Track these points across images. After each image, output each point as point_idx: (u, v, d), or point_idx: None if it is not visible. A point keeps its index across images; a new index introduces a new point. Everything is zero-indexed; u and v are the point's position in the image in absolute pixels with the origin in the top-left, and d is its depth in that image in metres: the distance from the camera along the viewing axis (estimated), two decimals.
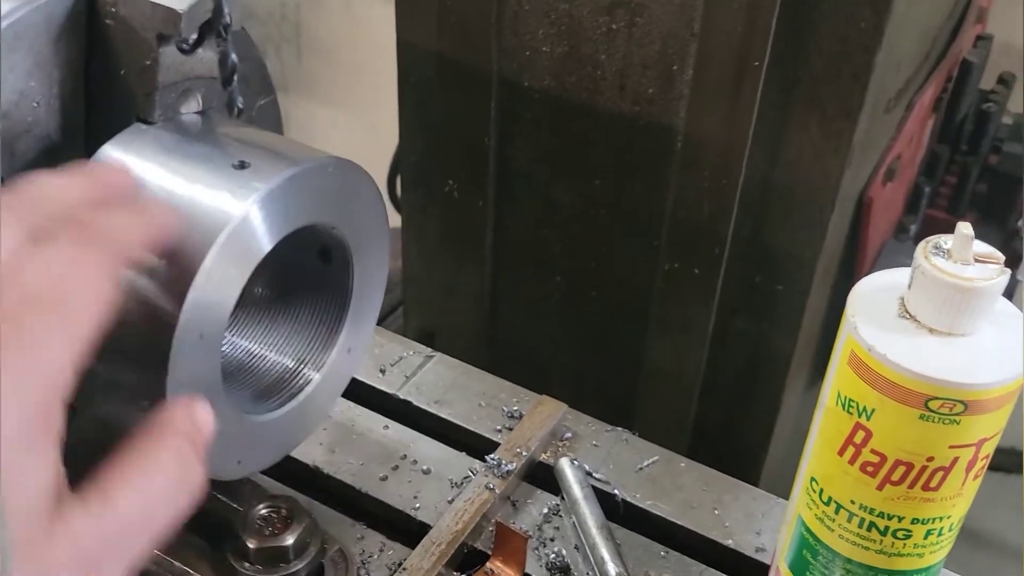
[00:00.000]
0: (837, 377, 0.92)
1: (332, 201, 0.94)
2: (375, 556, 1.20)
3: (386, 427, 1.38)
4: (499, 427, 1.37)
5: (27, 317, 0.63)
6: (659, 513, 1.27)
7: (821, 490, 0.98)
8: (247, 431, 0.96)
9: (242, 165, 0.86)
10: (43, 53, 0.87)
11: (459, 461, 1.33)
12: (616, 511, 1.28)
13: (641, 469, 1.33)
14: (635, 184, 1.54)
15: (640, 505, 1.28)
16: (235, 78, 0.86)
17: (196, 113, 0.94)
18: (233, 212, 0.82)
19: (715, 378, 1.69)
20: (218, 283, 0.83)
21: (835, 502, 0.97)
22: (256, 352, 1.03)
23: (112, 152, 0.87)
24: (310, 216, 0.92)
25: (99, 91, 0.91)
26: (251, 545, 1.02)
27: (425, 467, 1.32)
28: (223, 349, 0.93)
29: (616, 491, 1.29)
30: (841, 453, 0.94)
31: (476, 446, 1.35)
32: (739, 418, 1.73)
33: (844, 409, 0.92)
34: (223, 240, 0.81)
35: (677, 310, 1.61)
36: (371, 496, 1.28)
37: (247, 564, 1.02)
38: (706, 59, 1.37)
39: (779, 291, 1.57)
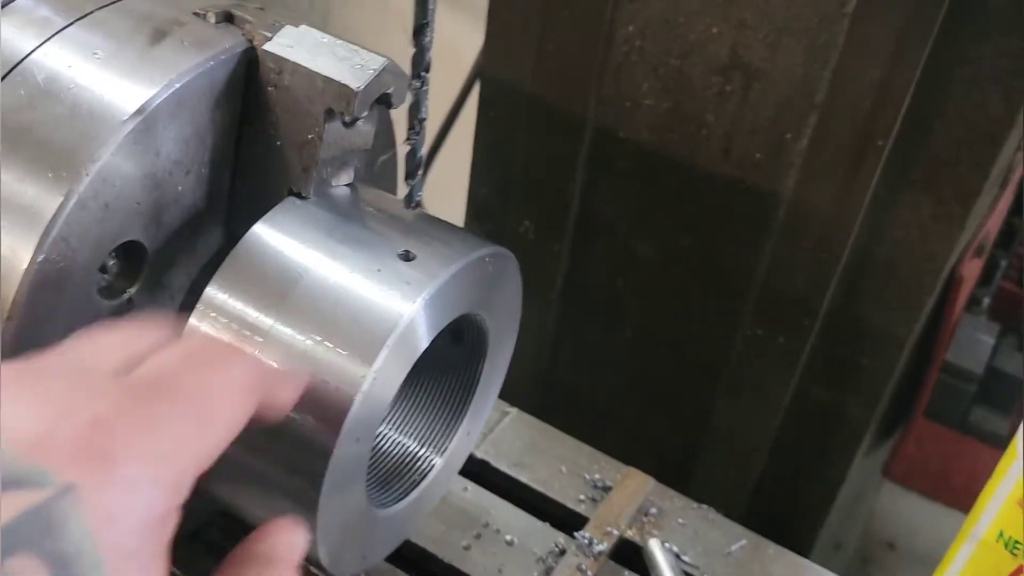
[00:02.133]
0: (1003, 515, 0.88)
1: (484, 290, 0.88)
2: None
3: (465, 489, 1.32)
4: (582, 497, 1.33)
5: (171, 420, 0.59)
6: None
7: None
8: (376, 525, 0.90)
9: (407, 256, 0.80)
10: (201, 121, 0.80)
11: (543, 533, 1.28)
12: None
13: (730, 553, 1.29)
14: (727, 246, 1.50)
15: None
16: (420, 173, 0.80)
17: (346, 186, 0.87)
18: (401, 313, 0.76)
19: (783, 446, 1.65)
20: (381, 386, 0.77)
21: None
22: (386, 436, 0.97)
23: (269, 230, 0.81)
24: (465, 307, 0.86)
25: (250, 160, 0.85)
26: None
27: (508, 537, 1.27)
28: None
29: None
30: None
31: (559, 515, 1.30)
32: (802, 484, 1.70)
33: (1007, 549, 0.88)
34: (392, 344, 0.75)
35: (754, 376, 1.57)
36: (454, 567, 1.23)
37: None
38: (825, 131, 1.33)
39: (864, 365, 1.53)
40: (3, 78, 0.76)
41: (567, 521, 1.28)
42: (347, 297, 0.77)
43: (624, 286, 1.63)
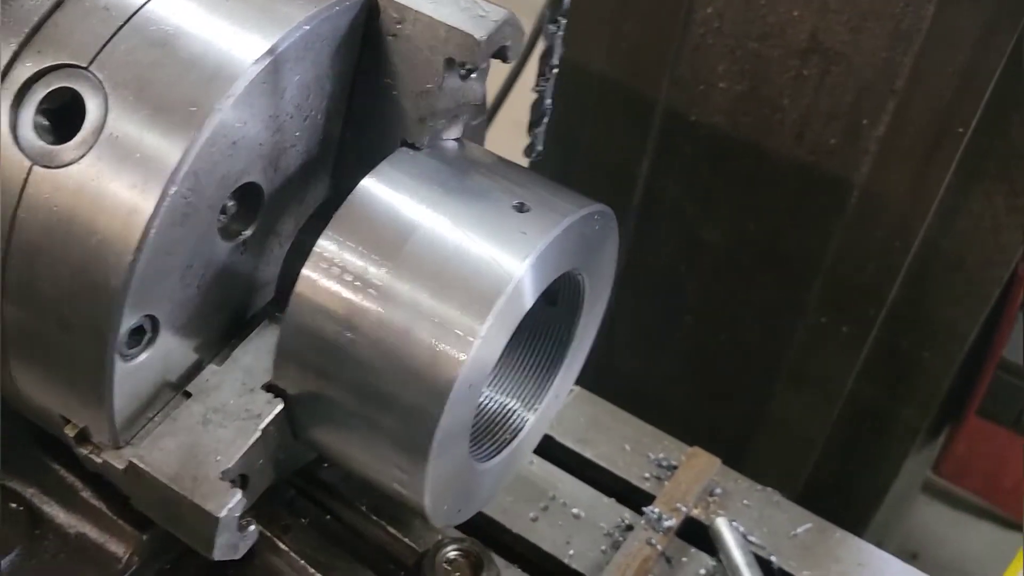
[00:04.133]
0: None
1: (587, 249, 0.89)
2: None
3: (531, 463, 1.32)
4: (647, 475, 1.33)
5: None
6: None
7: None
8: (472, 477, 0.91)
9: (521, 207, 0.80)
10: (323, 66, 0.81)
11: (609, 508, 1.28)
12: None
13: (795, 535, 1.29)
14: (796, 233, 1.50)
15: (797, 575, 1.24)
16: (544, 121, 0.80)
17: (455, 140, 0.88)
18: (514, 271, 0.77)
19: (840, 435, 1.65)
20: (487, 347, 0.77)
21: None
22: (486, 394, 0.97)
23: (383, 181, 0.81)
24: (569, 264, 0.86)
25: (363, 109, 0.85)
26: None
27: (575, 511, 1.27)
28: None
29: (772, 557, 1.24)
30: None
31: (625, 493, 1.30)
32: (856, 474, 1.69)
33: None
34: (507, 294, 0.76)
35: (816, 365, 1.57)
36: (523, 537, 1.23)
37: None
38: (904, 118, 1.32)
39: (925, 359, 1.53)
40: (133, 15, 0.77)
41: (632, 498, 1.28)
42: (462, 250, 0.78)
43: (686, 271, 1.63)
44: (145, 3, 0.78)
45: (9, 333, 0.81)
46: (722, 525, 1.25)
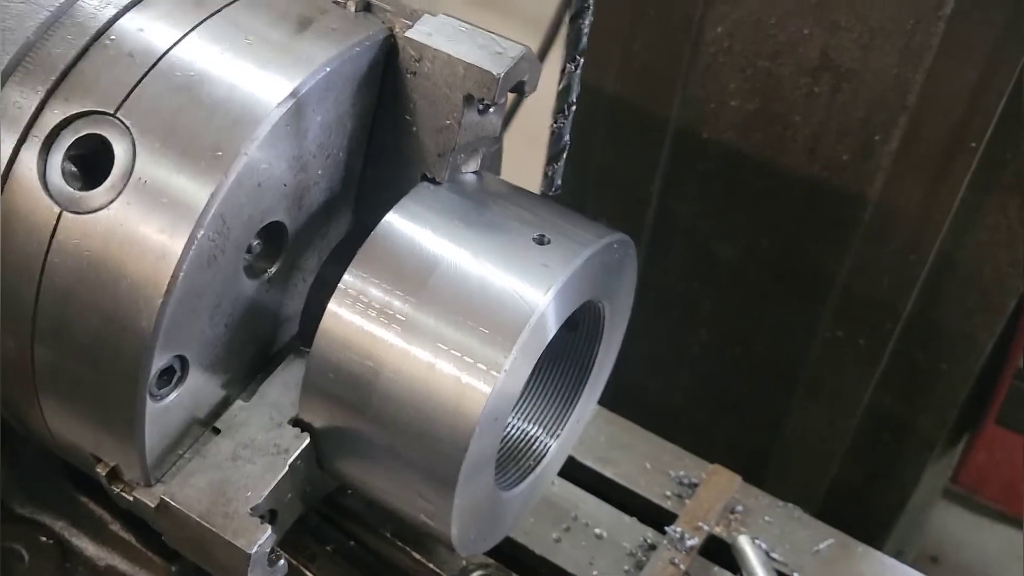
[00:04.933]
0: None
1: (607, 277, 0.90)
2: None
3: (552, 483, 1.33)
4: (668, 493, 1.33)
5: None
6: None
7: None
8: (497, 507, 0.92)
9: (542, 240, 0.81)
10: (344, 105, 0.82)
11: (631, 528, 1.29)
12: None
13: (818, 551, 1.29)
14: (810, 248, 1.50)
15: None
16: (564, 156, 0.82)
17: (474, 173, 0.89)
18: (537, 303, 0.78)
19: (857, 449, 1.65)
20: (512, 379, 0.78)
21: None
22: (509, 422, 0.98)
23: (406, 216, 0.82)
24: (590, 294, 0.87)
25: (383, 145, 0.87)
26: None
27: (597, 531, 1.27)
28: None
29: (795, 574, 1.25)
30: None
31: (647, 512, 1.31)
32: (876, 485, 1.70)
33: None
34: (531, 327, 0.77)
35: (832, 378, 1.57)
36: (546, 559, 1.23)
37: None
38: (916, 134, 1.33)
39: (942, 370, 1.53)
40: (158, 62, 0.78)
41: (654, 517, 1.28)
42: (485, 284, 0.79)
43: (701, 287, 1.64)
44: (169, 49, 0.79)
45: (40, 374, 0.82)
46: (744, 543, 1.25)
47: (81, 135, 0.78)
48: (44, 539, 1.07)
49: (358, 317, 0.80)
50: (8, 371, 0.85)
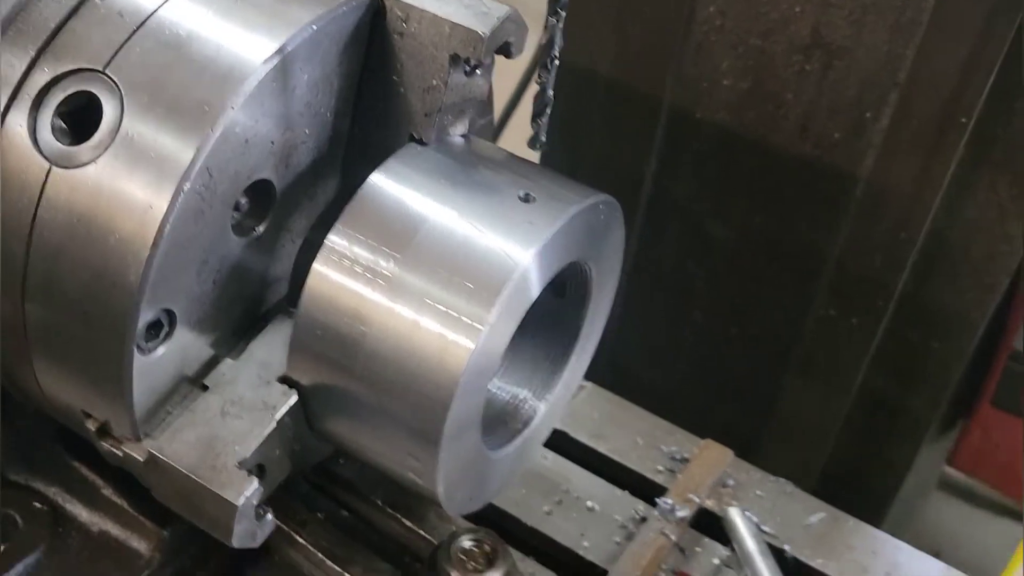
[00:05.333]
0: None
1: (593, 239, 0.90)
2: None
3: (545, 457, 1.34)
4: (660, 468, 1.34)
5: None
6: (831, 573, 1.24)
7: None
8: (485, 465, 0.93)
9: (527, 198, 0.82)
10: (331, 64, 0.83)
11: (623, 501, 1.29)
12: (785, 567, 1.24)
13: (809, 525, 1.30)
14: (801, 226, 1.51)
15: (811, 563, 1.25)
16: (548, 111, 0.83)
17: (462, 136, 0.90)
18: (520, 260, 0.79)
19: (851, 428, 1.66)
20: (495, 337, 0.79)
21: None
22: (496, 385, 0.99)
23: (392, 176, 0.83)
24: (575, 254, 0.88)
25: (370, 106, 0.88)
26: None
27: (589, 504, 1.28)
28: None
29: (786, 546, 1.25)
30: None
31: (638, 486, 1.32)
32: (870, 466, 1.70)
33: None
34: (513, 284, 0.78)
35: (826, 358, 1.58)
36: (537, 530, 1.24)
37: None
38: (907, 110, 1.34)
39: (935, 349, 1.54)
40: (147, 20, 0.79)
41: (645, 490, 1.29)
42: (470, 241, 0.80)
43: (695, 267, 1.65)
44: (158, 8, 0.80)
45: (32, 332, 0.83)
46: (735, 515, 1.26)
47: (70, 92, 0.79)
48: (38, 505, 1.08)
49: (344, 275, 0.81)
50: (2, 330, 0.86)
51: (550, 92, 0.81)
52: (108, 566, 1.04)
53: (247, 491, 0.80)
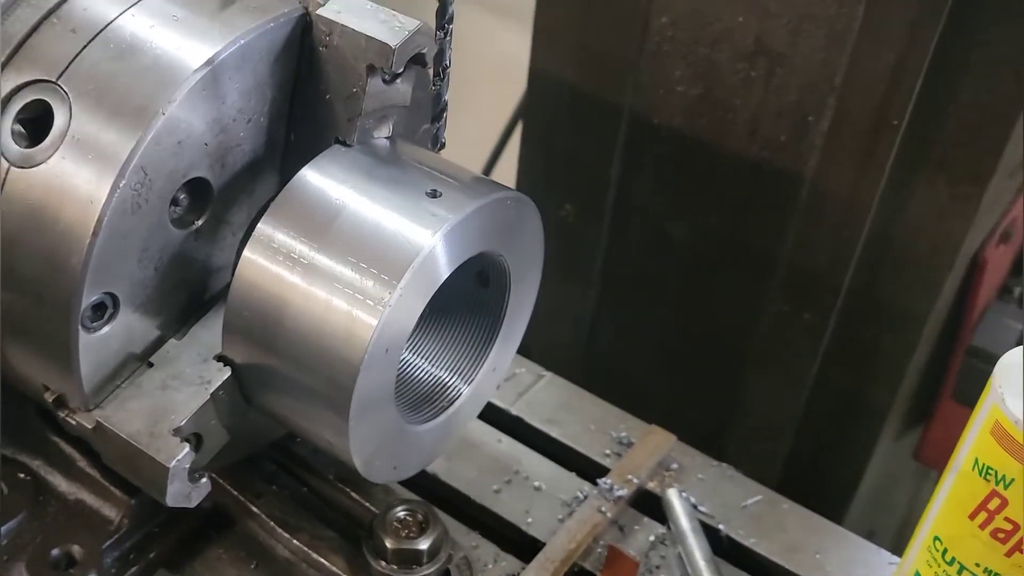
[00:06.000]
0: (977, 444, 0.96)
1: (504, 231, 0.99)
2: (489, 566, 1.25)
3: (499, 441, 1.42)
4: (608, 452, 1.41)
5: None
6: (762, 552, 1.30)
7: (945, 550, 1.02)
8: (406, 438, 1.01)
9: (434, 194, 0.91)
10: (262, 75, 0.93)
11: (569, 481, 1.37)
12: (719, 546, 1.31)
13: (745, 507, 1.36)
14: (754, 226, 1.58)
15: (744, 543, 1.31)
16: (445, 116, 0.92)
17: (386, 138, 0.99)
18: (423, 243, 0.88)
19: (810, 422, 1.72)
20: (405, 305, 0.88)
21: (959, 563, 1.00)
22: (417, 364, 1.08)
23: (316, 172, 0.93)
24: (484, 245, 0.97)
25: (303, 112, 0.97)
26: (388, 545, 1.07)
27: (536, 484, 1.36)
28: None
29: (720, 526, 1.32)
30: (972, 517, 0.97)
31: (585, 468, 1.39)
32: (830, 461, 1.76)
33: (981, 475, 0.95)
34: (416, 266, 0.87)
35: (781, 352, 1.65)
36: (485, 507, 1.32)
37: (383, 563, 1.08)
38: (843, 113, 1.41)
39: (885, 343, 1.60)
40: (96, 36, 0.90)
41: (592, 472, 1.36)
42: (379, 229, 0.89)
43: (659, 267, 1.72)
44: (107, 25, 0.91)
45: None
46: (672, 495, 1.33)
47: (28, 100, 0.90)
48: (22, 476, 1.19)
49: (268, 261, 0.90)
50: None
51: (445, 97, 0.90)
52: (82, 530, 1.14)
53: (178, 455, 0.90)
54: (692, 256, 1.67)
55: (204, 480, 0.95)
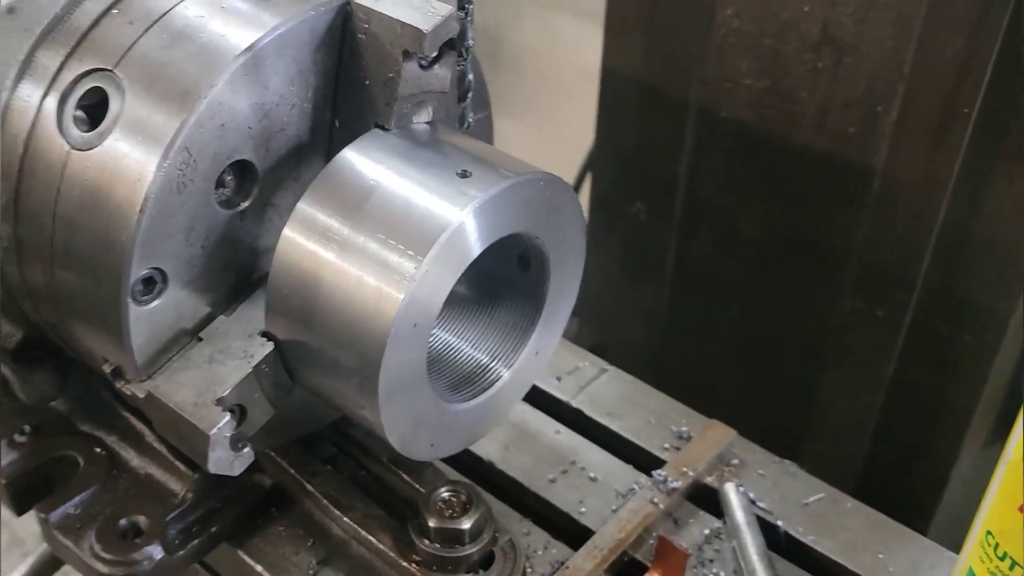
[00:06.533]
0: None
1: (539, 213, 1.00)
2: (539, 552, 1.26)
3: (558, 432, 1.43)
4: (667, 445, 1.40)
5: None
6: (821, 549, 1.27)
7: (996, 544, 0.98)
8: (443, 417, 1.03)
9: (464, 174, 0.93)
10: (304, 62, 0.97)
11: (625, 473, 1.37)
12: (777, 542, 1.29)
13: (807, 504, 1.33)
14: (823, 220, 1.55)
15: (802, 539, 1.29)
16: (469, 95, 0.94)
17: (426, 123, 1.02)
18: (451, 219, 0.90)
19: (889, 424, 1.67)
20: (433, 281, 0.90)
21: (1010, 558, 0.96)
22: (456, 346, 1.10)
23: (352, 154, 0.96)
24: (518, 225, 0.98)
25: (346, 99, 1.01)
26: (431, 524, 1.09)
27: (592, 475, 1.36)
28: (429, 341, 1.01)
29: (779, 522, 1.30)
30: (1023, 510, 0.93)
31: (643, 461, 1.38)
32: (912, 467, 1.70)
33: None
34: (442, 241, 0.89)
35: (855, 350, 1.60)
36: (539, 496, 1.33)
37: (426, 541, 1.10)
38: (912, 102, 1.37)
39: (966, 342, 1.54)
40: (151, 26, 0.96)
41: (651, 466, 1.35)
42: (409, 207, 0.92)
43: (730, 264, 1.71)
44: (160, 16, 0.96)
45: (60, 291, 1.00)
46: (729, 489, 1.32)
47: (88, 88, 0.96)
48: (98, 450, 1.26)
49: (305, 239, 0.94)
50: (42, 297, 1.04)
51: (469, 77, 0.93)
52: (148, 502, 1.20)
53: (219, 423, 0.94)
54: (762, 253, 1.65)
55: (247, 450, 0.99)
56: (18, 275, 1.05)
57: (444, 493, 1.14)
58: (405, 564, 1.12)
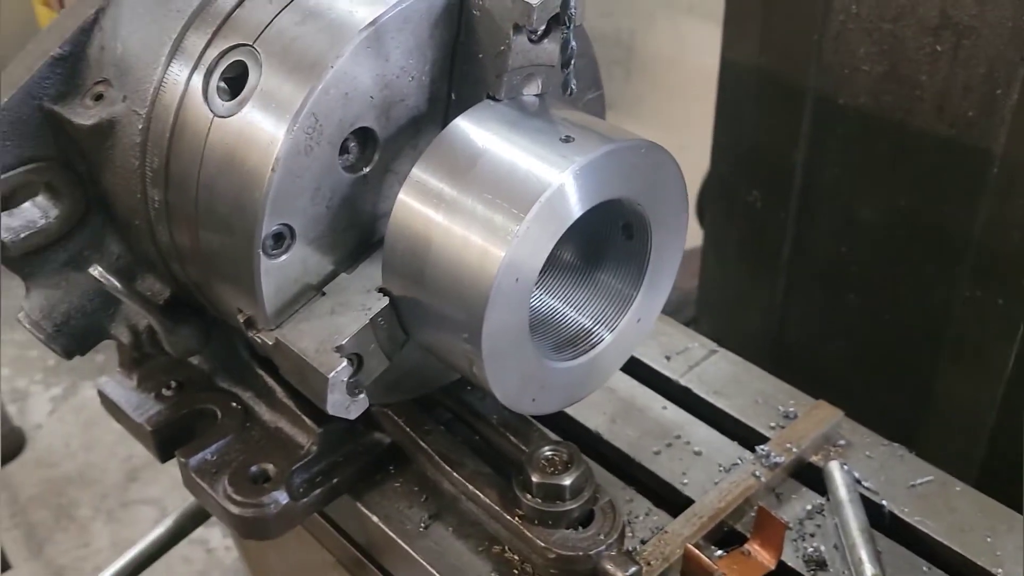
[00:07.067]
0: None
1: (641, 180, 1.05)
2: (640, 518, 1.29)
3: (664, 407, 1.46)
4: (773, 424, 1.42)
5: None
6: (926, 530, 1.27)
7: None
8: (545, 374, 1.09)
9: (568, 139, 0.99)
10: (422, 36, 1.05)
11: (730, 448, 1.39)
12: (881, 521, 1.29)
13: (913, 486, 1.33)
14: (943, 206, 1.54)
15: (907, 520, 1.28)
16: (572, 62, 1.00)
17: (535, 95, 1.08)
18: (552, 180, 0.95)
19: (1009, 417, 1.63)
20: (534, 239, 0.96)
21: None
22: (560, 309, 1.16)
23: (464, 123, 1.03)
24: (618, 190, 1.03)
25: (462, 72, 1.08)
26: (534, 479, 1.15)
27: (696, 449, 1.39)
28: (533, 303, 1.07)
29: (884, 502, 1.30)
30: None
31: (748, 438, 1.40)
32: None
33: None
34: (543, 201, 0.95)
35: (975, 340, 1.58)
36: (643, 466, 1.37)
37: (529, 496, 1.15)
38: None
39: None
40: (287, 6, 1.05)
41: (756, 443, 1.37)
42: (513, 169, 0.98)
43: (847, 251, 1.70)
44: None
45: (204, 252, 1.11)
46: (834, 466, 1.33)
47: (231, 61, 1.06)
48: (235, 405, 1.37)
49: (417, 202, 1.01)
50: (188, 257, 1.15)
51: (572, 44, 0.98)
52: (277, 452, 1.30)
53: (337, 368, 1.02)
54: (879, 240, 1.64)
55: (362, 396, 1.07)
56: (168, 237, 1.17)
57: (547, 452, 1.19)
58: (509, 518, 1.18)
